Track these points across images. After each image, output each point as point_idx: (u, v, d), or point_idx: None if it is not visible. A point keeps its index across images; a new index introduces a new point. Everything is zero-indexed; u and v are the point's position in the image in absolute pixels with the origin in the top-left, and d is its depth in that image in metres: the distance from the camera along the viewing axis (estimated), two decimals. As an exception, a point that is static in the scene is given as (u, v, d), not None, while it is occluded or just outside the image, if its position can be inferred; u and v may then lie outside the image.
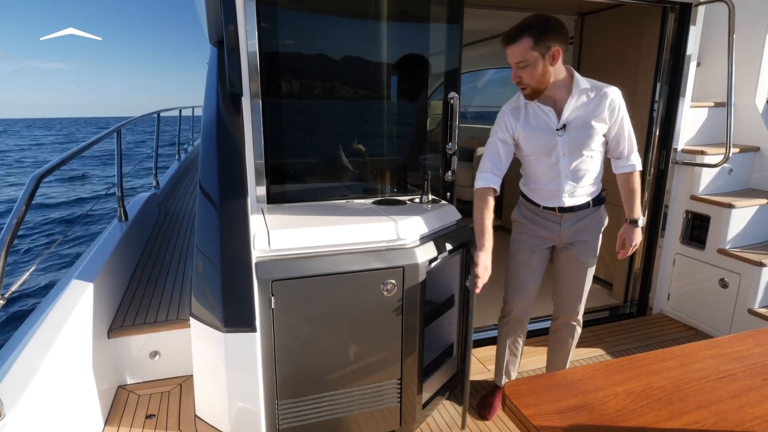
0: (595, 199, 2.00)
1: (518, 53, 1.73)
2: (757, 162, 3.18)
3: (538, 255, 2.08)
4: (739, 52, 3.05)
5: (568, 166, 1.91)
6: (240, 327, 1.61)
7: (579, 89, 1.82)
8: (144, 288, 2.56)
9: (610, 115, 1.85)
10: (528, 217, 2.08)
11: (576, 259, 2.05)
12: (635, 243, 2.05)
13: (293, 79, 2.22)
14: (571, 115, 1.85)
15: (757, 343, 1.25)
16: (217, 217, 1.73)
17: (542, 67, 1.74)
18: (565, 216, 2.00)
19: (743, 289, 2.79)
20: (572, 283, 2.09)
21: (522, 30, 1.71)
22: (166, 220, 3.89)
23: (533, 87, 1.79)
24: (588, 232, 2.03)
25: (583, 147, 1.87)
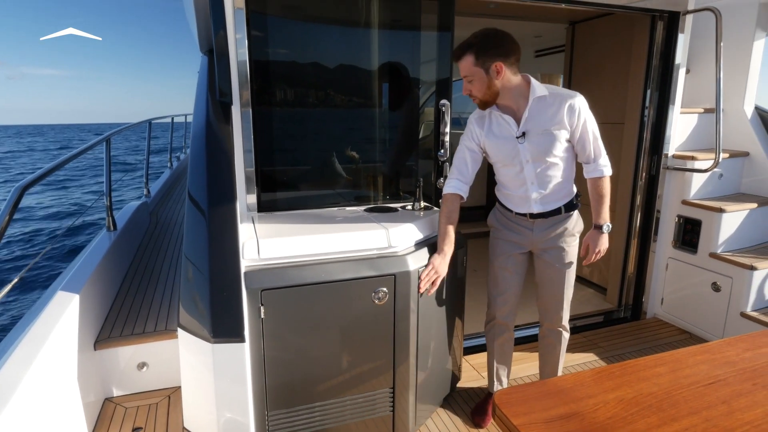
0: (567, 205, 2.00)
1: (464, 69, 1.82)
2: (746, 167, 3.21)
3: (514, 259, 2.10)
4: (727, 60, 3.09)
5: (533, 172, 1.93)
6: (228, 337, 1.59)
7: (535, 97, 1.84)
8: (132, 298, 2.53)
9: (570, 121, 1.84)
10: (502, 223, 2.12)
11: (551, 265, 2.06)
12: (599, 249, 1.98)
13: (283, 87, 2.22)
14: (529, 123, 1.86)
15: (747, 348, 1.24)
16: (206, 225, 1.71)
17: (487, 81, 1.80)
18: (536, 222, 2.02)
19: (735, 292, 2.80)
20: (551, 289, 2.09)
21: (464, 48, 1.79)
22: (157, 228, 3.86)
23: (481, 99, 1.86)
24: (561, 238, 2.02)
25: (546, 154, 1.88)
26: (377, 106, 2.39)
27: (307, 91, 2.27)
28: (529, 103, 1.84)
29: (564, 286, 2.08)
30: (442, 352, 2.19)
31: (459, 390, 2.43)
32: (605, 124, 3.48)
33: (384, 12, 2.31)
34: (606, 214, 1.97)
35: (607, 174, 1.94)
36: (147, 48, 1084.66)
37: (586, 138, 1.89)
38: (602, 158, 1.93)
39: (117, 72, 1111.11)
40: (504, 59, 1.78)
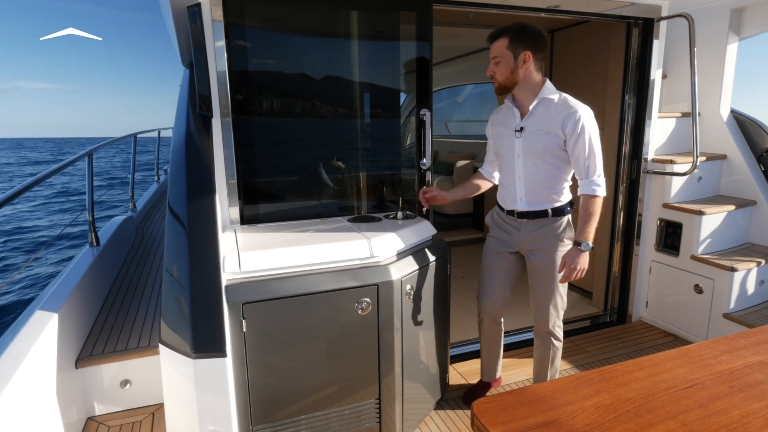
0: (555, 209, 2.02)
1: (495, 49, 1.94)
2: (724, 169, 3.27)
3: (502, 258, 2.18)
4: (702, 65, 3.16)
5: (522, 167, 2.01)
6: (209, 352, 1.57)
7: (543, 97, 1.94)
8: (116, 314, 2.49)
9: (566, 128, 1.88)
10: (495, 221, 2.21)
11: (537, 268, 2.10)
12: (575, 267, 1.89)
13: (264, 98, 2.22)
14: (529, 120, 1.97)
15: (725, 350, 1.26)
16: (186, 239, 1.70)
17: (512, 67, 1.92)
18: (523, 222, 2.08)
19: (717, 294, 2.84)
20: (537, 292, 2.14)
21: (501, 31, 1.93)
22: (143, 243, 3.81)
23: (501, 82, 1.96)
24: (547, 241, 2.05)
25: (536, 152, 1.95)
26: (359, 117, 2.40)
27: (288, 102, 2.28)
28: (536, 101, 1.95)
29: (549, 290, 2.09)
30: (429, 361, 2.18)
31: (447, 399, 2.42)
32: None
33: (363, 23, 2.33)
34: (588, 234, 1.91)
35: (600, 194, 1.91)
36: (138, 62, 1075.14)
37: (581, 151, 1.89)
38: (597, 176, 1.91)
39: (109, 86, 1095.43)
40: (534, 51, 1.92)
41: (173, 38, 2.82)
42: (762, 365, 1.17)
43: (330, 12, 2.25)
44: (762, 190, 3.09)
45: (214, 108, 2.09)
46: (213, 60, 2.04)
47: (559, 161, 1.96)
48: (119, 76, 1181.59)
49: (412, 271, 1.95)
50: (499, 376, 2.53)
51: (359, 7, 2.27)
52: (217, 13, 2.01)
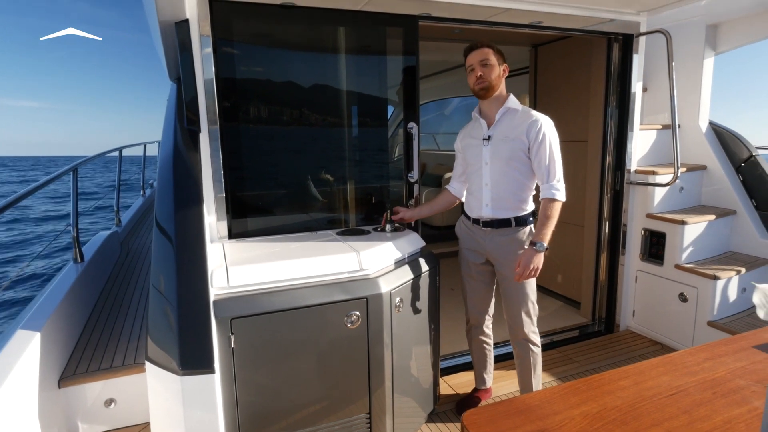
0: (518, 218, 2.09)
1: (483, 54, 2.05)
2: (705, 179, 3.35)
3: (476, 268, 2.25)
4: (681, 78, 3.25)
5: (489, 174, 2.09)
6: (197, 369, 1.55)
7: (508, 107, 2.06)
8: (100, 332, 2.45)
9: (529, 135, 2.00)
10: (463, 231, 2.28)
11: (506, 277, 2.16)
12: (529, 265, 1.94)
13: (252, 113, 2.23)
14: (495, 129, 2.07)
15: (707, 357, 1.28)
16: (173, 254, 1.69)
17: (498, 71, 2.07)
18: (488, 231, 2.14)
19: (701, 302, 2.89)
20: (508, 300, 2.20)
21: (484, 43, 2.07)
22: (128, 259, 3.77)
23: (490, 82, 2.05)
24: (512, 250, 2.10)
25: (504, 158, 2.05)
26: (346, 130, 2.43)
27: (276, 117, 2.29)
28: (501, 111, 2.06)
29: (519, 297, 2.15)
30: (419, 373, 2.18)
31: (438, 412, 2.41)
32: (570, 142, 3.61)
33: (351, 39, 2.36)
34: (545, 235, 1.96)
35: (559, 198, 1.99)
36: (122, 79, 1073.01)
37: (543, 156, 2.00)
38: (556, 181, 2.00)
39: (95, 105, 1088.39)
40: (507, 68, 2.10)
41: (161, 53, 2.83)
42: (743, 371, 1.19)
43: (318, 27, 2.28)
44: (741, 200, 3.17)
45: (202, 122, 2.09)
46: (201, 74, 2.06)
47: (524, 167, 2.05)
48: (105, 94, 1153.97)
49: (402, 283, 1.96)
50: (490, 387, 2.53)
51: (347, 23, 2.31)
52: (205, 27, 2.03)
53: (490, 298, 2.32)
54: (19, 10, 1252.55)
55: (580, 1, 2.65)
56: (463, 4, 2.45)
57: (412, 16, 2.37)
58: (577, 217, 3.57)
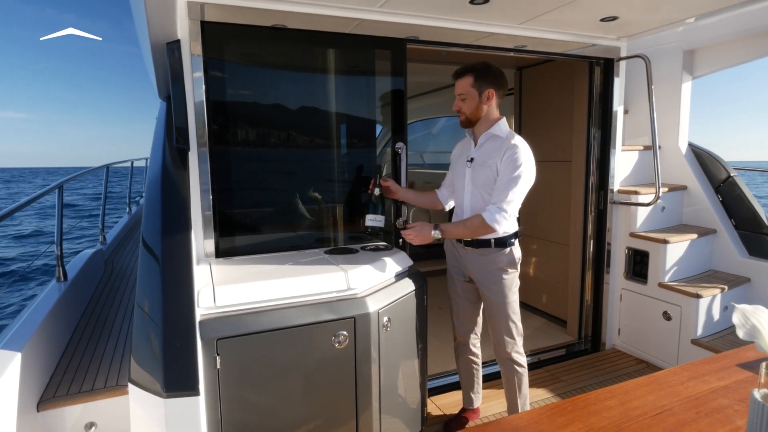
0: (497, 239, 2.10)
1: (461, 87, 2.07)
2: (685, 199, 3.43)
3: (462, 285, 2.28)
4: (660, 101, 3.36)
5: (470, 196, 2.12)
6: (181, 391, 1.52)
7: (491, 134, 2.07)
8: (82, 353, 2.39)
9: (499, 161, 2.00)
10: (449, 249, 2.32)
11: (486, 297, 2.19)
12: (413, 232, 2.06)
13: (241, 133, 2.24)
14: (477, 152, 2.10)
15: (691, 376, 1.30)
16: (160, 273, 1.67)
17: (477, 103, 2.06)
18: (468, 250, 2.16)
19: (685, 320, 2.93)
20: (490, 319, 2.22)
21: (467, 69, 2.06)
22: (112, 277, 3.70)
23: (467, 116, 2.09)
24: (491, 270, 2.12)
25: (479, 185, 2.07)
26: (335, 149, 2.45)
27: (266, 136, 2.31)
28: (484, 136, 2.08)
29: (500, 317, 2.16)
30: (407, 394, 2.16)
31: (426, 432, 2.39)
32: (554, 162, 3.68)
33: (340, 60, 2.40)
34: (449, 230, 2.07)
35: (488, 222, 1.98)
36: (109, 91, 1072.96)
37: (503, 177, 1.99)
38: (503, 204, 1.97)
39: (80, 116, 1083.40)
40: (496, 89, 2.06)
41: (151, 71, 2.84)
42: (726, 390, 1.21)
43: (308, 50, 2.31)
44: (721, 219, 3.25)
45: (191, 141, 2.10)
46: (191, 94, 2.07)
47: None
48: (92, 105, 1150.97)
49: (390, 302, 1.96)
50: (478, 407, 2.52)
51: (337, 46, 2.35)
52: (196, 48, 2.05)
53: (476, 315, 2.33)
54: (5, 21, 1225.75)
55: (562, 27, 2.74)
56: (449, 28, 2.51)
57: (400, 39, 2.43)
58: (563, 236, 3.62)
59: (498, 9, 2.34)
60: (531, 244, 4.04)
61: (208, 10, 2.04)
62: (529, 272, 4.09)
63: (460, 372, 2.48)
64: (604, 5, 2.35)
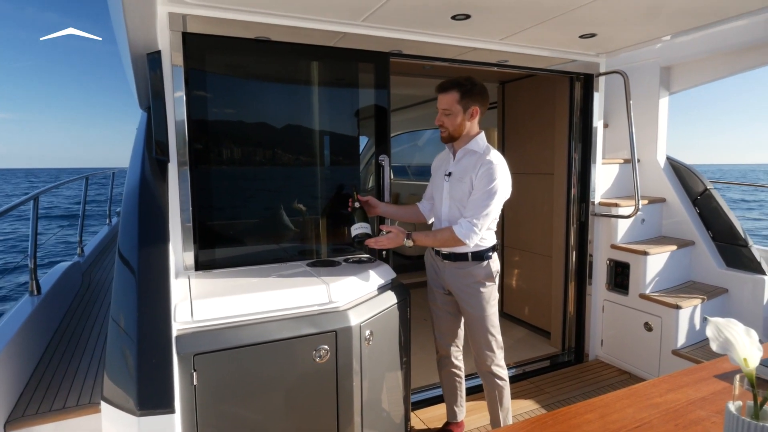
0: (474, 253, 2.10)
1: (446, 102, 2.04)
2: (664, 211, 3.50)
3: (441, 297, 2.27)
4: (639, 115, 3.43)
5: (447, 210, 2.13)
6: (156, 408, 1.47)
7: (468, 149, 2.08)
8: (54, 370, 2.31)
9: (474, 176, 2.00)
10: (428, 261, 2.32)
11: (465, 310, 2.19)
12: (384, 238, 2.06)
13: (222, 143, 2.22)
14: (455, 167, 2.11)
15: (670, 389, 1.30)
16: (135, 287, 1.63)
17: (461, 119, 2.05)
18: (447, 263, 2.17)
19: (666, 331, 2.96)
20: (470, 331, 2.22)
21: (453, 84, 2.03)
22: (89, 291, 3.61)
23: (450, 132, 2.08)
24: (468, 284, 2.12)
25: (456, 199, 2.08)
26: (318, 161, 2.44)
27: (247, 147, 2.29)
28: (461, 151, 2.09)
29: (479, 331, 2.16)
30: (390, 408, 2.13)
31: (409, 447, 2.35)
32: (537, 175, 3.73)
33: (323, 72, 2.41)
34: (420, 238, 2.06)
35: (456, 232, 1.97)
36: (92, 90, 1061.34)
37: (477, 192, 1.99)
38: (470, 219, 1.97)
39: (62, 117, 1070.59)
40: (481, 106, 2.06)
41: (131, 82, 2.81)
42: (704, 402, 1.22)
43: (292, 62, 2.32)
44: (699, 231, 3.31)
45: (171, 151, 2.07)
46: (171, 105, 2.05)
47: None
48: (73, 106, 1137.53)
49: (372, 315, 1.94)
50: (462, 421, 2.50)
51: (321, 58, 2.36)
52: (177, 58, 2.04)
53: (456, 328, 2.32)
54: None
55: (543, 43, 2.79)
56: (432, 42, 2.54)
57: (383, 53, 2.44)
58: (545, 248, 3.65)
59: (479, 25, 2.38)
60: (514, 255, 4.07)
61: (190, 21, 2.03)
62: (513, 284, 4.10)
63: (443, 385, 2.46)
64: (583, 22, 2.40)
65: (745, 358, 0.88)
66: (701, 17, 2.35)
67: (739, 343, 0.88)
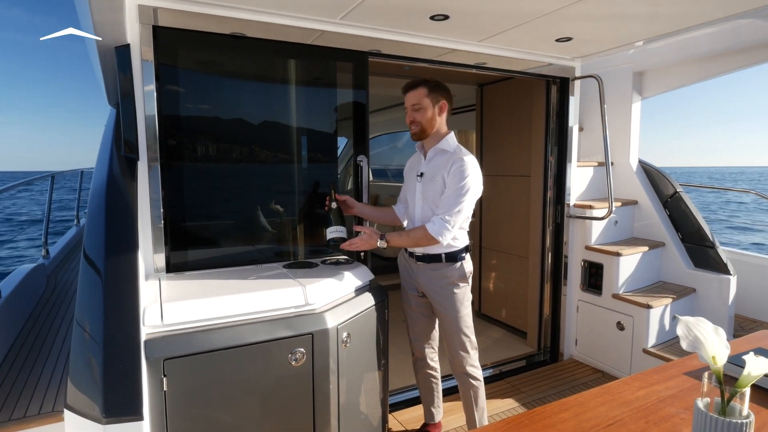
0: (448, 254, 2.11)
1: (415, 97, 2.07)
2: (636, 213, 3.58)
3: (415, 299, 2.28)
4: (612, 119, 3.51)
5: (420, 211, 2.14)
6: (124, 416, 1.42)
7: (439, 148, 2.10)
8: (15, 377, 2.21)
9: (447, 174, 2.02)
10: (402, 264, 2.32)
11: (439, 311, 2.19)
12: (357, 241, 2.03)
13: (196, 142, 2.16)
14: (427, 167, 2.12)
15: (641, 386, 1.33)
16: (101, 289, 1.57)
17: (431, 113, 2.08)
18: (420, 265, 2.17)
19: (637, 330, 3.03)
20: (444, 333, 2.23)
21: (419, 81, 2.08)
22: (54, 294, 3.47)
23: (423, 126, 2.08)
24: (442, 285, 2.13)
25: (430, 198, 2.09)
26: (295, 161, 2.40)
27: (221, 146, 2.24)
28: (432, 150, 2.11)
29: (453, 332, 2.17)
30: (367, 410, 2.12)
31: (386, 450, 2.34)
32: (514, 177, 3.76)
33: (300, 71, 2.37)
34: (394, 239, 2.05)
35: (429, 230, 1.98)
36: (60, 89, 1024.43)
37: (449, 190, 2.00)
38: (447, 216, 1.97)
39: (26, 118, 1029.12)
40: (448, 102, 2.11)
41: (99, 77, 2.72)
42: (673, 399, 1.24)
43: (268, 58, 2.28)
44: (669, 233, 3.40)
45: (141, 149, 2.00)
46: (141, 101, 1.98)
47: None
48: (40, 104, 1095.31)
49: (349, 317, 1.92)
50: (439, 422, 2.50)
51: (298, 56, 2.32)
52: (148, 53, 1.97)
53: (431, 330, 2.33)
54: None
55: (520, 46, 2.82)
56: (411, 43, 2.54)
57: (361, 52, 2.43)
58: (522, 249, 3.69)
59: (458, 26, 2.39)
60: (491, 257, 4.10)
61: (161, 14, 1.97)
62: (490, 285, 4.14)
63: (419, 386, 2.46)
64: (559, 26, 2.43)
65: (714, 355, 0.89)
66: (672, 24, 2.42)
67: (708, 341, 0.90)
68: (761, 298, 3.50)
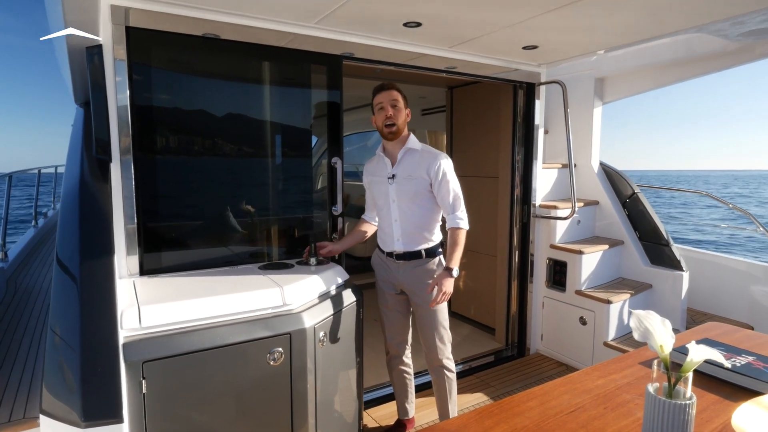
0: (427, 250, 2.24)
1: (393, 96, 2.19)
2: (598, 213, 3.76)
3: (392, 298, 2.35)
4: (575, 123, 3.67)
5: (397, 211, 2.22)
6: (103, 419, 1.42)
7: (408, 148, 2.22)
8: None
9: (429, 173, 2.17)
10: (378, 264, 2.38)
11: (419, 306, 2.28)
12: (444, 289, 2.07)
13: (169, 143, 2.16)
14: (399, 168, 2.21)
15: (600, 376, 1.43)
16: (77, 293, 1.56)
17: (404, 115, 2.21)
18: (400, 263, 2.26)
19: (598, 324, 3.19)
20: (423, 328, 2.31)
21: (392, 84, 2.23)
22: (15, 298, 3.35)
23: (398, 125, 2.19)
24: (423, 280, 2.23)
25: (409, 196, 2.19)
26: (269, 162, 2.42)
27: (195, 145, 2.24)
28: (403, 151, 2.21)
29: (432, 325, 2.26)
30: (343, 408, 2.17)
31: (362, 445, 2.39)
32: (483, 178, 3.88)
33: (275, 73, 2.40)
34: (456, 261, 2.13)
35: (463, 227, 2.18)
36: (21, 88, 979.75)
37: (446, 192, 2.18)
38: (460, 212, 2.19)
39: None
40: (409, 111, 2.25)
41: (66, 74, 2.65)
42: (629, 386, 1.35)
43: (242, 60, 2.29)
44: (627, 232, 3.59)
45: (114, 151, 1.98)
46: (113, 101, 1.96)
47: (429, 202, 2.22)
48: None
49: (326, 317, 1.97)
50: (413, 417, 2.57)
51: (272, 59, 2.35)
52: (120, 52, 1.95)
53: (407, 327, 2.41)
54: None
55: (489, 52, 2.93)
56: (384, 47, 2.60)
57: (335, 56, 2.47)
58: (490, 248, 3.81)
59: (429, 32, 2.46)
60: (462, 256, 4.21)
61: (134, 15, 1.96)
62: (460, 283, 4.25)
63: (394, 384, 2.52)
64: (526, 35, 2.55)
65: (661, 344, 1.00)
66: (631, 35, 2.57)
67: (656, 331, 1.00)
68: (711, 292, 3.75)
